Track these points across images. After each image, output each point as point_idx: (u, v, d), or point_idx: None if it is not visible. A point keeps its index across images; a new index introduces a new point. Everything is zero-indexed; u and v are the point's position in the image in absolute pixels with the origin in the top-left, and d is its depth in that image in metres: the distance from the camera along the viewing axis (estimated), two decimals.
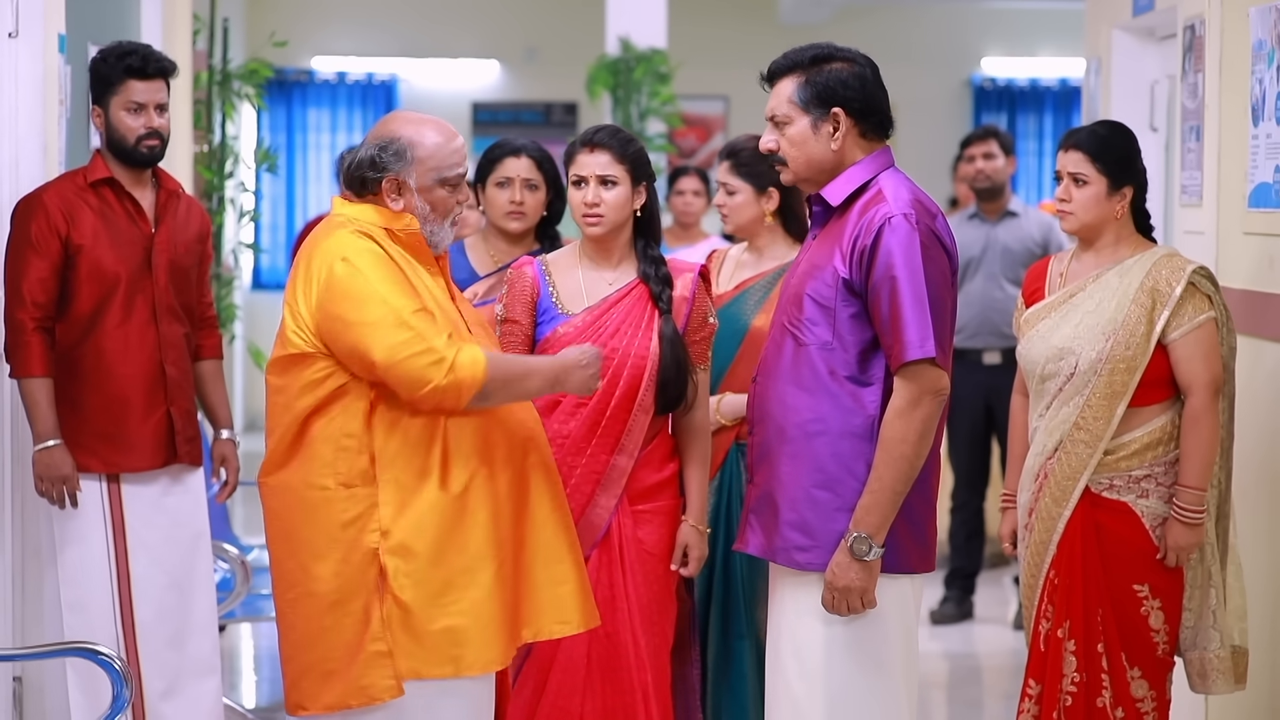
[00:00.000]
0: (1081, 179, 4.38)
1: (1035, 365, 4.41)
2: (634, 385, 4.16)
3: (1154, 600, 4.31)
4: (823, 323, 3.66)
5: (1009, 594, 7.88)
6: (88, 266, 4.69)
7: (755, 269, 4.74)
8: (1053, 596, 4.33)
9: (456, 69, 12.82)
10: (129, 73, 4.74)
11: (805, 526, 3.66)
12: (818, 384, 3.66)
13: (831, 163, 3.70)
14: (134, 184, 4.81)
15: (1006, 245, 7.33)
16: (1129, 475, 4.31)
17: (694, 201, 7.87)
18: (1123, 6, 6.55)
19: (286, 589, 3.67)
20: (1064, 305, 4.41)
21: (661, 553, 4.24)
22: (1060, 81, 13.01)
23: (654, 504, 4.24)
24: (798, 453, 3.67)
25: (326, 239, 3.64)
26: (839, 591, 3.61)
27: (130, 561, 4.75)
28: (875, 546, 3.59)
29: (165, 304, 4.79)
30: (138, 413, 4.76)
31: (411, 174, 3.66)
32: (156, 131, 4.78)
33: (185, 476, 4.89)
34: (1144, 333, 4.27)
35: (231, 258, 7.81)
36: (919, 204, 3.63)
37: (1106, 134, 4.43)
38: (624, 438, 4.16)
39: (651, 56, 9.07)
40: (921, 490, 3.68)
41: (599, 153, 4.20)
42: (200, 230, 4.96)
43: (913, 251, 3.57)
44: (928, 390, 3.58)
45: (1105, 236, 4.41)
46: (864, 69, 3.70)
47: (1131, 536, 4.30)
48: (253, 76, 7.15)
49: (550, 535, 3.74)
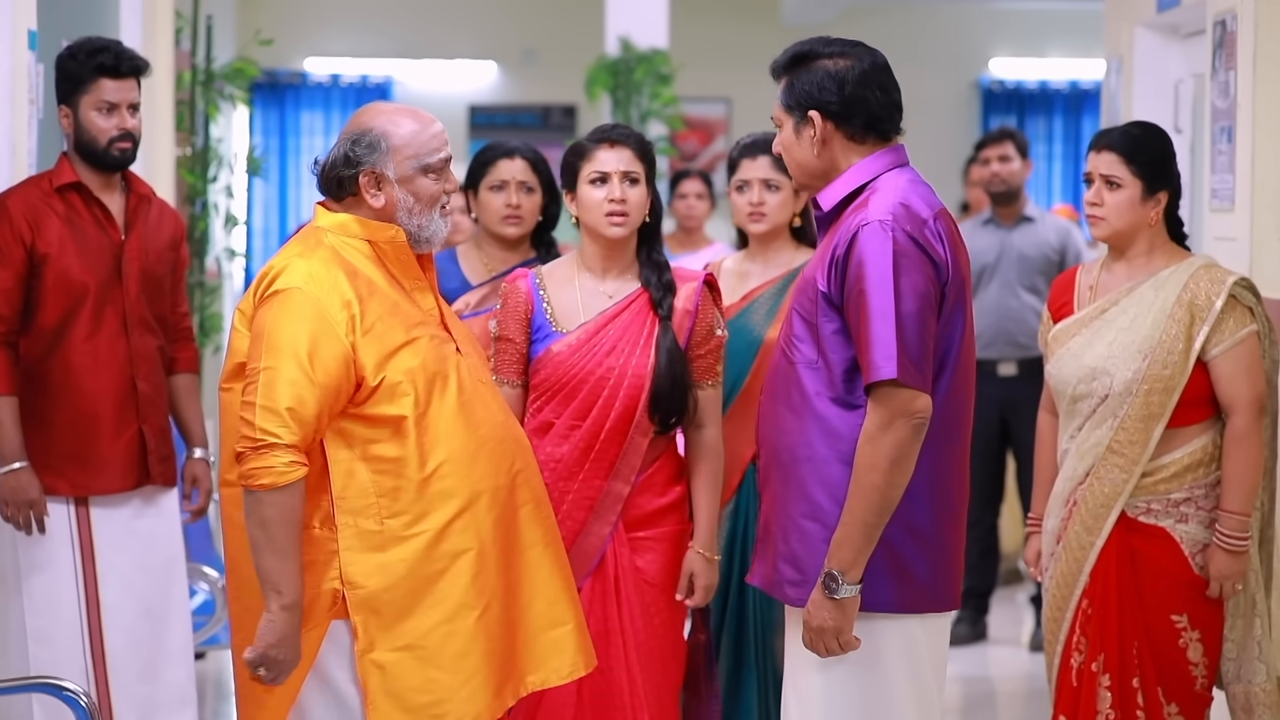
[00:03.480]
0: (1114, 182, 4.19)
1: (1066, 385, 4.23)
2: (630, 406, 3.95)
3: (1193, 632, 4.16)
4: (808, 340, 3.42)
5: (1023, 613, 7.72)
6: (54, 276, 4.48)
7: (761, 277, 4.55)
8: (1085, 628, 4.17)
9: (453, 70, 12.73)
10: (100, 71, 4.54)
11: (795, 559, 3.43)
12: (805, 406, 3.41)
13: (819, 168, 3.46)
14: (103, 188, 4.60)
15: (1023, 252, 7.15)
16: (1167, 499, 4.15)
17: (697, 205, 7.74)
18: (1146, 2, 6.42)
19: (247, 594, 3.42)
20: (1095, 321, 4.23)
21: (664, 583, 4.02)
22: (1071, 84, 12.92)
23: (656, 530, 4.02)
24: (788, 479, 3.44)
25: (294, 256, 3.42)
26: (814, 631, 3.37)
27: (100, 588, 4.55)
28: (845, 584, 3.31)
29: (137, 315, 4.59)
30: (107, 431, 4.55)
31: (389, 165, 3.46)
32: (129, 133, 4.57)
33: (158, 498, 4.69)
34: (1183, 350, 4.11)
35: (216, 264, 7.63)
36: (904, 208, 3.35)
37: (1141, 134, 4.25)
38: (619, 462, 3.96)
39: (652, 57, 8.96)
40: (912, 521, 3.39)
41: (621, 149, 4.03)
42: (173, 236, 4.75)
43: (883, 262, 3.29)
44: (898, 413, 3.28)
45: (1138, 245, 4.24)
46: (850, 66, 3.42)
47: (1169, 564, 4.15)
48: (238, 76, 6.95)
49: (546, 576, 3.52)
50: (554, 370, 3.98)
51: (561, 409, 3.98)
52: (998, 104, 12.88)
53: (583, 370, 3.97)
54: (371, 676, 3.37)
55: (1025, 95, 12.90)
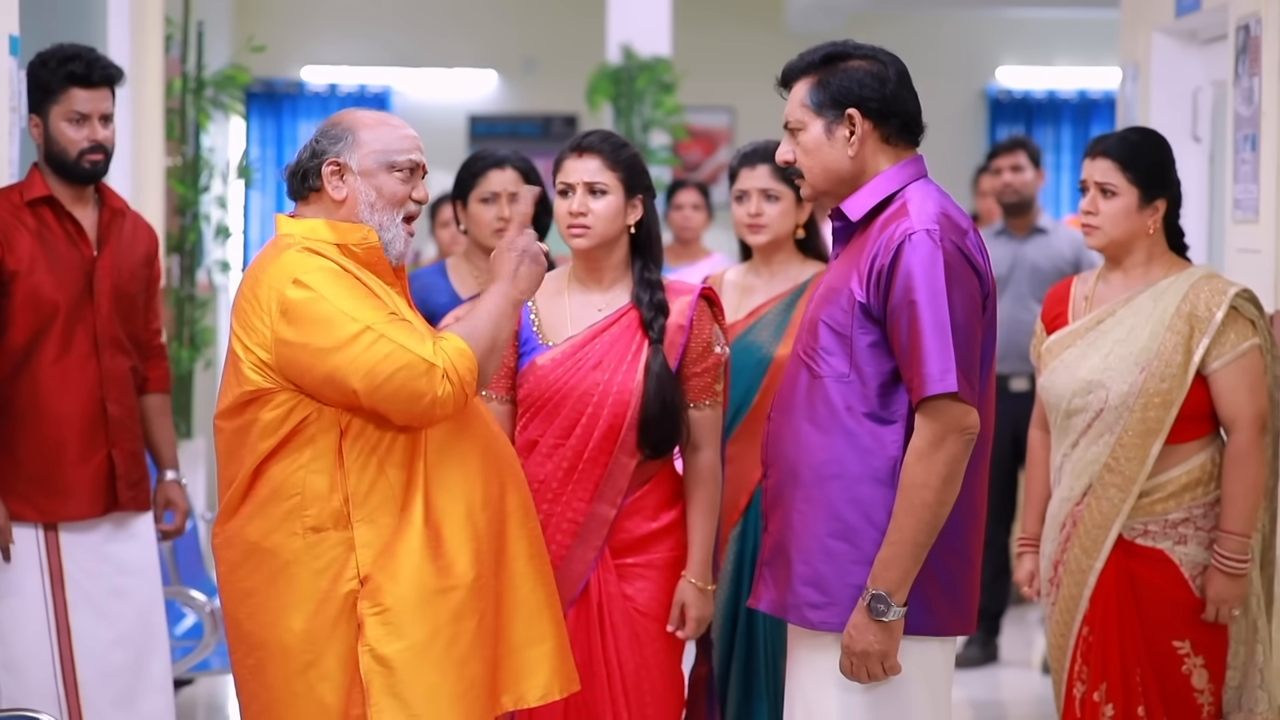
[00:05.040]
0: (1110, 190, 4.11)
1: (1060, 399, 4.12)
2: (615, 425, 3.77)
3: (1196, 657, 4.06)
4: (839, 352, 3.32)
5: (1034, 634, 7.65)
6: (23, 294, 4.32)
7: (767, 292, 4.42)
8: (1087, 656, 4.07)
9: (452, 80, 12.65)
10: (71, 80, 4.41)
11: (819, 581, 3.32)
12: (834, 421, 3.31)
13: (850, 172, 3.37)
14: (74, 202, 4.45)
15: (1035, 264, 7.08)
16: (1165, 520, 4.05)
17: (693, 216, 7.70)
18: (1164, 7, 6.32)
19: (246, 654, 3.34)
20: (1091, 332, 4.13)
21: (656, 612, 3.84)
22: (1079, 93, 12.86)
23: (646, 557, 3.84)
24: (812, 498, 3.33)
25: (272, 263, 3.30)
26: (856, 656, 3.26)
27: (71, 616, 4.40)
28: (895, 605, 3.23)
29: (108, 335, 4.44)
30: (74, 456, 4.39)
31: (352, 156, 3.36)
32: (100, 145, 4.43)
33: (131, 523, 4.54)
34: (1181, 363, 4.01)
35: (205, 276, 7.50)
36: (946, 218, 3.30)
37: (1138, 140, 4.15)
38: (604, 483, 3.78)
39: (655, 65, 8.87)
40: (952, 540, 3.32)
41: (588, 158, 3.84)
42: (147, 252, 4.60)
43: (935, 272, 3.23)
44: (952, 429, 3.21)
45: (1135, 254, 4.14)
46: (885, 67, 3.37)
47: (1169, 588, 4.05)
48: (229, 84, 6.81)
49: (529, 590, 3.40)
50: (537, 384, 3.82)
51: (545, 426, 3.82)
52: (1005, 113, 12.82)
53: (565, 385, 3.80)
54: (376, 675, 3.25)
55: (1033, 104, 12.85)
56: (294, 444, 3.28)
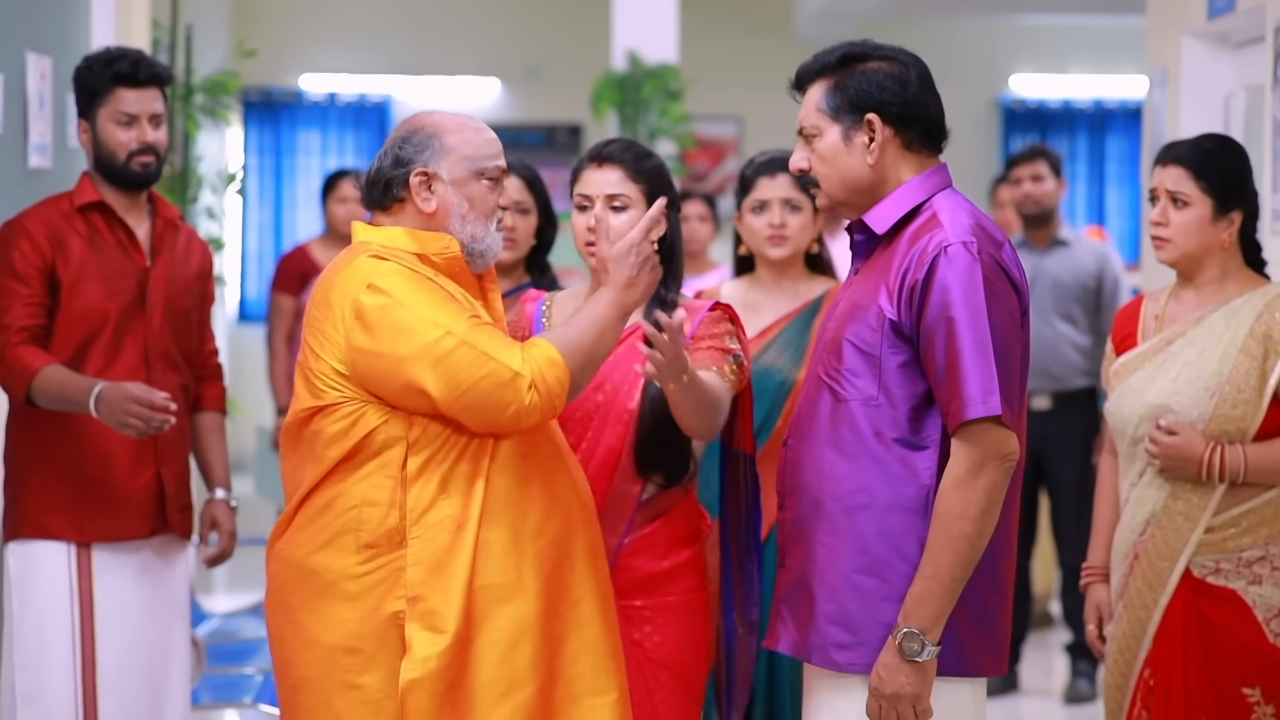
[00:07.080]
0: (1182, 199, 3.90)
1: (1126, 425, 3.92)
2: (616, 447, 3.54)
3: (1267, 706, 3.86)
4: (866, 374, 3.15)
5: (1055, 660, 7.48)
6: (72, 301, 4.19)
7: (775, 310, 4.23)
8: (1148, 701, 3.88)
9: (454, 88, 12.64)
10: (117, 80, 4.28)
11: (846, 620, 3.15)
12: (861, 447, 3.14)
13: (870, 180, 3.20)
14: (127, 209, 4.32)
15: (1057, 277, 6.93)
16: (1239, 557, 3.85)
17: (699, 228, 7.53)
18: (1195, 10, 6.14)
19: (287, 674, 3.24)
20: (1159, 354, 3.93)
21: (672, 660, 3.58)
22: (1095, 102, 12.90)
23: (656, 600, 3.59)
24: (837, 530, 3.16)
25: (345, 268, 3.21)
26: (886, 699, 3.09)
27: (98, 647, 4.22)
28: (929, 644, 3.07)
29: (160, 349, 4.29)
30: (122, 472, 4.24)
31: (442, 164, 3.26)
32: (151, 146, 4.29)
33: (170, 552, 4.38)
34: (1255, 388, 3.81)
35: None
36: (981, 230, 3.15)
37: (1212, 147, 3.95)
38: (604, 510, 3.52)
39: (661, 72, 8.73)
40: (988, 574, 3.15)
41: (608, 168, 3.60)
42: (201, 266, 4.47)
43: (974, 287, 3.07)
44: (992, 455, 3.05)
45: (1209, 270, 3.93)
46: (906, 68, 3.20)
47: (1241, 630, 3.85)
48: (218, 89, 6.60)
49: (600, 631, 3.29)
50: None
51: None
52: (1019, 122, 12.81)
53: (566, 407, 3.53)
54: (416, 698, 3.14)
55: (1047, 113, 12.84)
56: (360, 456, 3.18)
